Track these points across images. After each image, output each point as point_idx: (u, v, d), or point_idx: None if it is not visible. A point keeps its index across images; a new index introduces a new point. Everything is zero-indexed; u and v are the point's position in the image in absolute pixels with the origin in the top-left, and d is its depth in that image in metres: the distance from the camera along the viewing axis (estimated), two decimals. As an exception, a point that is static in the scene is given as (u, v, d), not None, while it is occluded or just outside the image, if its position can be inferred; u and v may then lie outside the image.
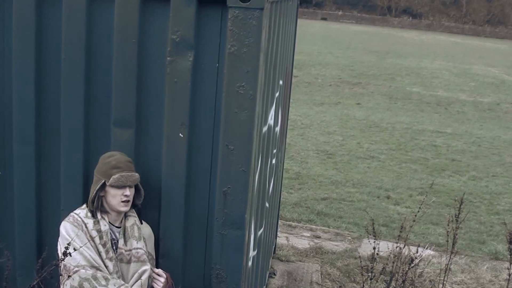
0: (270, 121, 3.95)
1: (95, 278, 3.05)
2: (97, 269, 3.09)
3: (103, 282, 3.07)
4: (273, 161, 4.59)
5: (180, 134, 3.20)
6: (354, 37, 44.09)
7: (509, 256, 4.10)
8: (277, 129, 4.60)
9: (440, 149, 13.17)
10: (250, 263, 3.71)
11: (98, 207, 3.18)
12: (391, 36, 48.37)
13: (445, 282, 4.76)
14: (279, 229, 6.83)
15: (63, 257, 2.77)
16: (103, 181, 3.14)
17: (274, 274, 5.90)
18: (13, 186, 3.54)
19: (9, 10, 3.29)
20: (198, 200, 3.32)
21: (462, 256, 6.95)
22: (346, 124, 15.12)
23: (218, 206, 3.23)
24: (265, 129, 3.67)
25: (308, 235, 7.34)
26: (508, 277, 4.34)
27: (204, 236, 3.37)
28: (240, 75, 3.02)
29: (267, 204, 4.44)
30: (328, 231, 7.58)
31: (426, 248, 6.59)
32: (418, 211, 5.09)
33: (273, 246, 6.17)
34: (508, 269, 4.22)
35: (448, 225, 7.43)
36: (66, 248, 2.70)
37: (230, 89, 3.05)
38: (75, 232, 3.09)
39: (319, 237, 7.29)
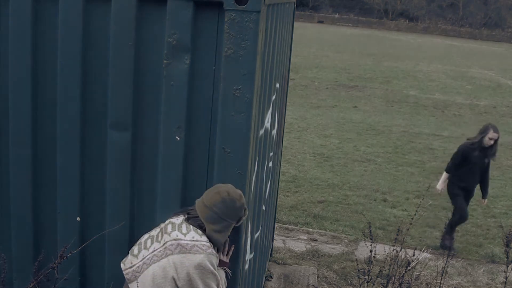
0: (267, 124, 3.95)
1: None
2: None
3: None
4: (270, 164, 4.59)
5: (176, 137, 3.20)
6: (351, 40, 44.17)
7: (505, 259, 4.11)
8: (274, 132, 4.60)
9: (437, 152, 13.19)
10: (246, 266, 3.71)
11: None
12: (387, 39, 48.48)
13: (441, 285, 4.76)
14: (275, 232, 6.83)
15: None
16: (234, 224, 3.07)
17: (271, 277, 5.89)
18: (9, 189, 3.53)
19: (5, 14, 3.28)
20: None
21: (459, 259, 6.96)
22: (343, 127, 15.14)
23: (215, 209, 3.22)
24: (261, 132, 3.67)
25: (305, 238, 7.34)
26: (504, 280, 4.34)
27: (200, 239, 3.36)
28: (236, 78, 3.02)
29: (263, 207, 4.44)
30: (324, 234, 7.58)
31: (423, 251, 6.60)
32: (415, 214, 5.10)
33: (270, 249, 6.17)
34: (504, 272, 4.23)
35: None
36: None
37: (227, 92, 3.05)
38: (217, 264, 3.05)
39: (315, 240, 7.28)
